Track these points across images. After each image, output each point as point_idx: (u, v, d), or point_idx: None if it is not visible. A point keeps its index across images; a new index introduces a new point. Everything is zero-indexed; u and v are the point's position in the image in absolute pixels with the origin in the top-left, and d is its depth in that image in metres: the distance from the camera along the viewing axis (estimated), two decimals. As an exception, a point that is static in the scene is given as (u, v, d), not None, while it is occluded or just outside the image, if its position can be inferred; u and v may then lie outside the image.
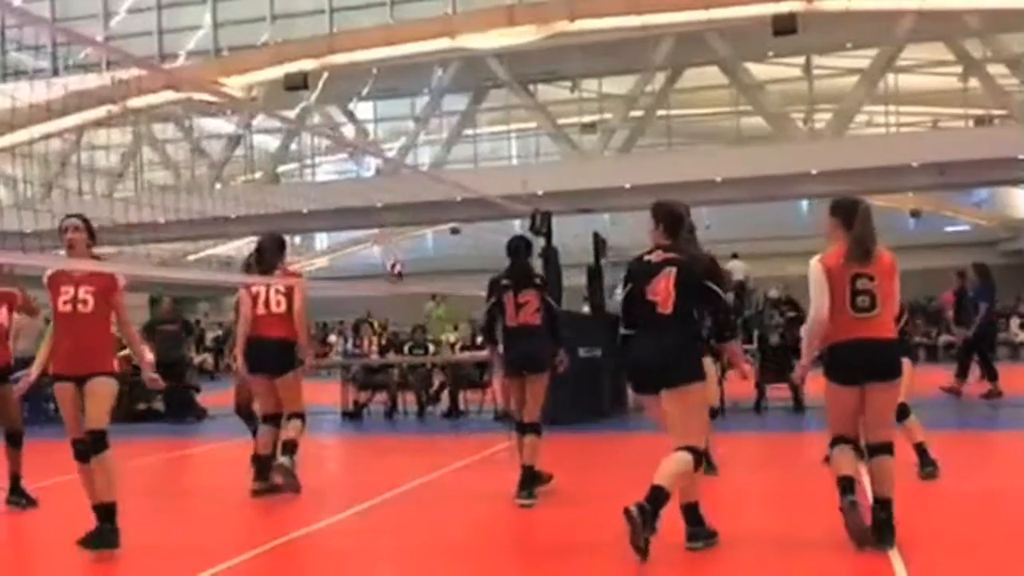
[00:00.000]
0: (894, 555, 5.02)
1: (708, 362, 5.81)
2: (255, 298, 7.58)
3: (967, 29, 24.48)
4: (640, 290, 5.41)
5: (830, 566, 5.21)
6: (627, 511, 4.90)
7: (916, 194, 32.67)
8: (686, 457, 5.18)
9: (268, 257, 7.72)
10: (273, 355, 7.51)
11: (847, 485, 5.26)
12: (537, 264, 12.44)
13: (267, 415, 7.66)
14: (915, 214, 33.63)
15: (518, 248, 7.37)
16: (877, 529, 5.18)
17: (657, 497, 4.99)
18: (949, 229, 35.05)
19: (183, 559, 5.71)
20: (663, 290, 5.32)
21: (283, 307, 7.53)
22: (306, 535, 6.05)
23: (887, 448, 5.28)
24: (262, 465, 7.57)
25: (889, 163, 23.40)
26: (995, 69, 25.45)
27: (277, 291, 7.54)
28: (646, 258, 5.52)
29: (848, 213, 5.33)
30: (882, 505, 5.21)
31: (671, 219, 5.58)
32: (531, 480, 6.95)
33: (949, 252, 28.73)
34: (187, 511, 7.42)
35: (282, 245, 7.92)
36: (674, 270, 5.35)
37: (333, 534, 6.22)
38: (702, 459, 5.33)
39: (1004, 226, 34.16)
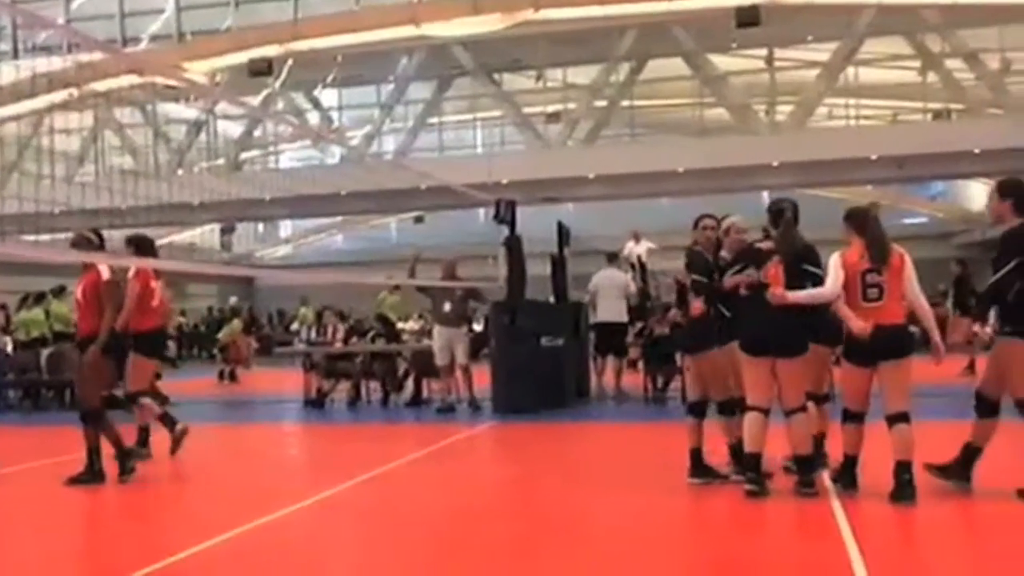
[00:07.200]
0: (849, 541, 5.20)
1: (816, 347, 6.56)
2: (153, 292, 8.63)
3: (926, 24, 24.83)
4: (754, 272, 6.34)
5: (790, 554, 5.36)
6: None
7: (875, 187, 33.09)
8: (806, 418, 6.35)
9: (152, 255, 8.86)
10: (164, 341, 9.33)
11: (850, 464, 6.21)
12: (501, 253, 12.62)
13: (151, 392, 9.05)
14: (873, 206, 34.00)
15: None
16: (899, 488, 5.87)
17: (806, 464, 6.26)
18: (907, 221, 35.52)
19: (140, 549, 5.70)
20: (774, 276, 6.22)
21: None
22: (267, 523, 6.04)
23: (904, 417, 6.01)
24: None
25: (849, 155, 23.73)
26: (953, 64, 25.84)
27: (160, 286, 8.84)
28: (757, 246, 6.48)
29: (858, 221, 6.28)
30: (903, 467, 5.92)
31: (772, 213, 6.52)
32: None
33: (906, 244, 29.03)
34: (145, 499, 7.42)
35: None
36: (779, 258, 6.26)
37: (294, 522, 6.23)
38: (807, 409, 6.43)
39: (960, 219, 34.70)
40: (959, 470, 6.21)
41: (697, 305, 6.70)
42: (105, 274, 7.58)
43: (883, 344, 6.04)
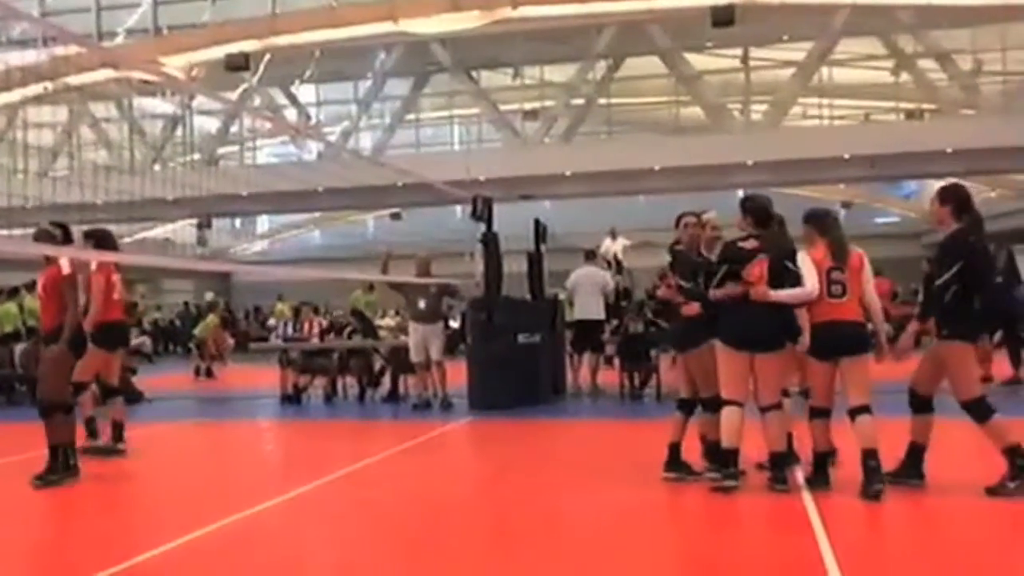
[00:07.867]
0: (821, 536, 5.30)
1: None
2: (114, 285, 8.66)
3: (899, 24, 25.09)
4: (737, 272, 6.44)
5: (760, 550, 5.47)
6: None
7: (848, 186, 33.40)
8: (781, 415, 6.46)
9: (112, 249, 8.66)
10: (127, 334, 9.52)
11: (821, 461, 6.41)
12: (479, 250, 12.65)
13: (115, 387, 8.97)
14: (846, 205, 34.32)
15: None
16: (868, 476, 6.06)
17: (780, 460, 6.38)
18: (879, 220, 35.83)
19: (106, 547, 5.65)
20: (757, 274, 6.35)
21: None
22: (238, 520, 6.04)
23: (866, 409, 6.21)
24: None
25: (822, 155, 23.98)
26: (926, 64, 26.12)
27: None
28: (740, 244, 6.52)
29: (820, 223, 6.50)
30: (869, 455, 6.11)
31: (760, 213, 6.59)
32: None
33: (878, 243, 29.39)
34: (114, 497, 7.38)
35: None
36: (765, 256, 6.38)
37: (267, 519, 6.24)
38: (782, 405, 6.50)
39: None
40: (910, 470, 6.35)
41: (692, 306, 6.78)
42: (66, 268, 7.36)
43: (844, 340, 6.28)
